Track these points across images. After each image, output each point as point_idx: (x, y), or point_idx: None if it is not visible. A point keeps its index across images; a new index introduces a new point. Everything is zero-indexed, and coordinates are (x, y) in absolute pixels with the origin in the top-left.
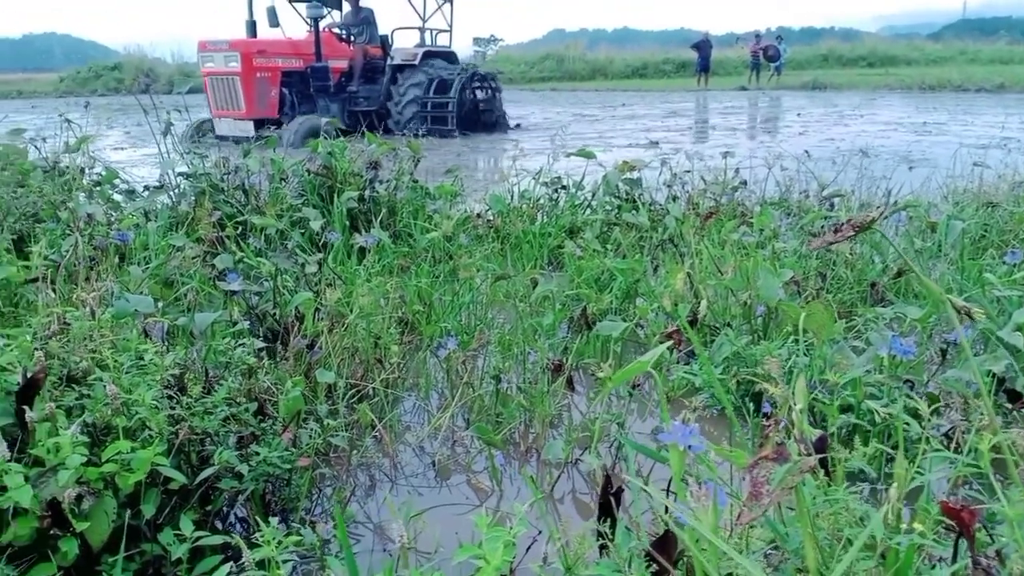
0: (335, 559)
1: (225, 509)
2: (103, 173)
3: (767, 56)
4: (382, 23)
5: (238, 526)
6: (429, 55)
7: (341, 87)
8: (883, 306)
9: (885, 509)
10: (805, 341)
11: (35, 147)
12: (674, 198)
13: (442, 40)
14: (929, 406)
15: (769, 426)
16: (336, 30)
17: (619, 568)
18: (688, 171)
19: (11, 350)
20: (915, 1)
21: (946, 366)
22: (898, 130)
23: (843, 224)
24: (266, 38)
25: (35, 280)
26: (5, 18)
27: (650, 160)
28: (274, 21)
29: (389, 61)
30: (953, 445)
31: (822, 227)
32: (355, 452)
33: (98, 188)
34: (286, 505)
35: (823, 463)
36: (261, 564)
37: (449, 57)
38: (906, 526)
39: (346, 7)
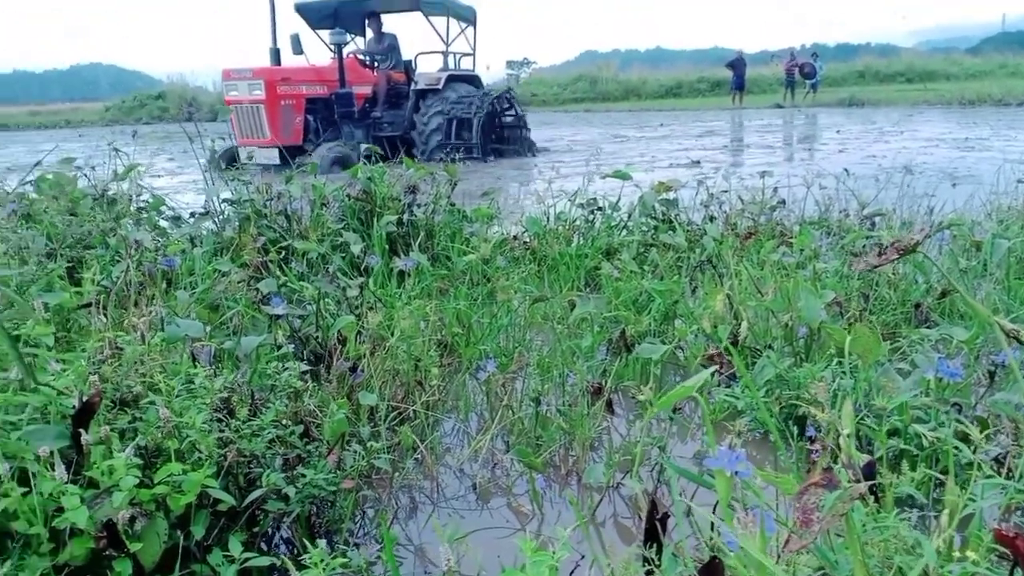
0: None
1: (271, 531)
2: (150, 200)
3: (803, 73)
4: (405, 48)
5: (283, 547)
6: (453, 79)
7: (365, 113)
8: (928, 327)
9: (937, 537)
10: (849, 363)
11: (84, 175)
12: (711, 218)
13: (466, 64)
14: (980, 431)
15: (815, 451)
16: (360, 56)
17: None
18: (725, 191)
19: (67, 375)
20: (952, 15)
21: (994, 388)
22: (940, 146)
23: (888, 247)
24: (290, 66)
25: (87, 305)
26: (54, 50)
27: (687, 180)
28: (298, 48)
29: (413, 86)
30: (1004, 470)
31: (863, 247)
32: (397, 474)
33: (145, 215)
34: (330, 527)
35: (872, 489)
36: None
37: (473, 81)
38: (958, 554)
39: (369, 33)
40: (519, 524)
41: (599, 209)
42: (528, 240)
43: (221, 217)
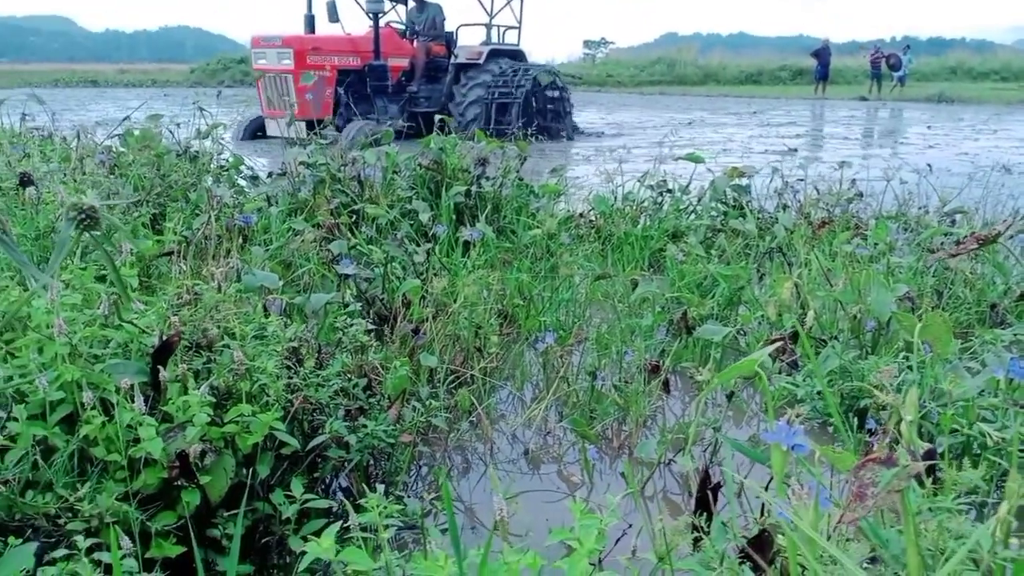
0: (435, 528)
1: (329, 479)
2: (230, 159)
3: (889, 65)
4: (449, 20)
5: (340, 495)
6: (495, 53)
7: (401, 87)
8: (1003, 329)
9: (993, 524)
10: (917, 359)
11: (170, 132)
12: (784, 207)
13: (510, 37)
14: None
15: (874, 441)
16: (397, 26)
17: (711, 564)
18: (801, 180)
19: (149, 315)
20: None
21: None
22: None
23: (967, 236)
24: (323, 35)
25: (169, 254)
26: (144, 11)
27: (761, 167)
28: (334, 16)
29: (453, 60)
30: None
31: (941, 244)
32: (453, 434)
33: (225, 173)
34: (387, 479)
35: (931, 473)
36: (364, 530)
37: (517, 55)
38: (1016, 541)
39: (411, 2)
40: (569, 491)
41: (668, 191)
42: (594, 218)
43: (297, 179)
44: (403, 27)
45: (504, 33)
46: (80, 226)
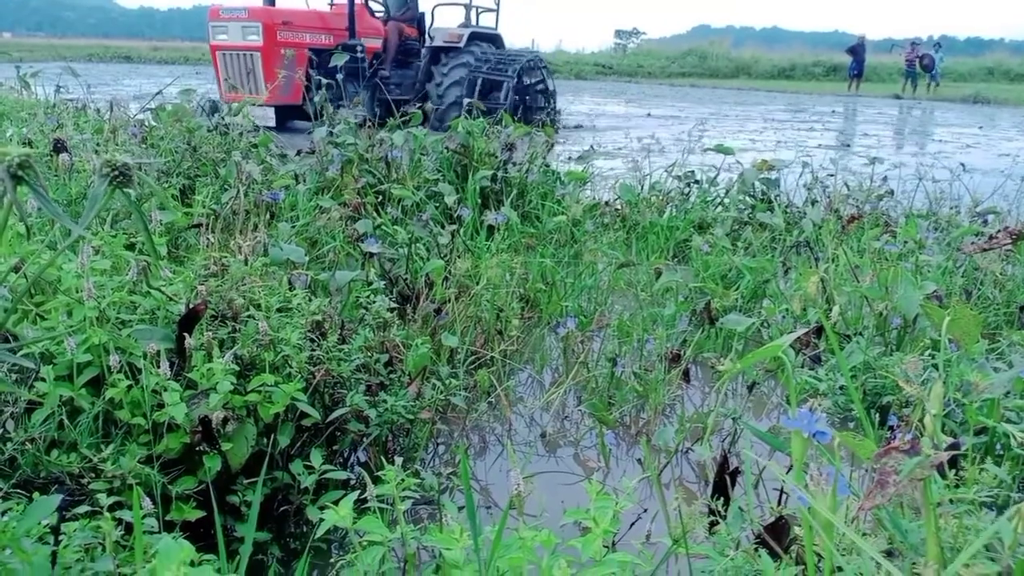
0: (451, 503)
1: (348, 452)
2: (259, 136)
3: (923, 65)
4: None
5: (358, 470)
6: (476, 37)
7: (373, 71)
8: None
9: (1015, 519)
10: (943, 357)
11: (202, 108)
12: (813, 202)
13: (486, 21)
14: None
15: (897, 431)
16: (376, 6)
17: (726, 549)
18: (831, 175)
19: (177, 283)
20: None
21: None
22: None
23: (999, 232)
24: (292, 8)
25: (197, 226)
26: None
27: (791, 161)
28: None
29: (429, 42)
30: None
31: (972, 243)
32: (471, 414)
33: (254, 150)
34: (405, 454)
35: (954, 465)
36: (381, 501)
37: (495, 41)
38: None
39: None
40: (584, 475)
41: (696, 182)
42: (619, 207)
43: (325, 158)
44: (379, 5)
45: (480, 16)
46: (114, 183)
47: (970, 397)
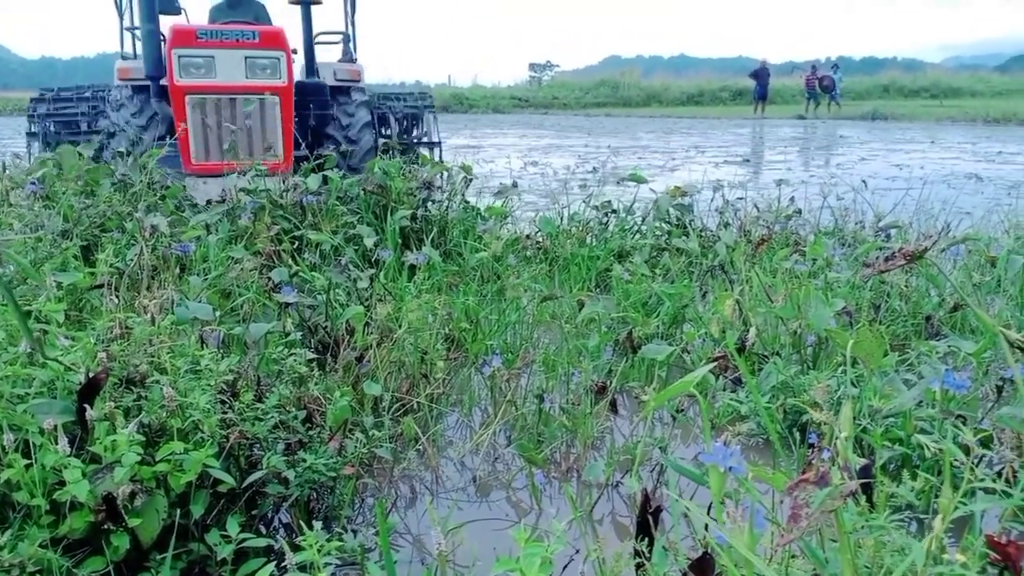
0: (375, 565)
1: (270, 514)
2: (168, 187)
3: (823, 87)
4: None
5: (282, 531)
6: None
7: None
8: (938, 340)
9: (929, 539)
10: (855, 372)
11: (104, 161)
12: (726, 225)
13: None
14: (978, 441)
15: (813, 455)
16: None
17: None
18: (741, 198)
19: (75, 351)
20: (984, 31)
21: (1002, 402)
22: (961, 160)
23: (895, 252)
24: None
25: (100, 286)
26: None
27: (701, 187)
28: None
29: (317, 79)
30: (1002, 481)
31: (876, 257)
32: (398, 464)
33: (162, 201)
34: (329, 513)
35: (866, 490)
36: (303, 568)
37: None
38: (947, 557)
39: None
40: (517, 517)
41: (613, 212)
42: (540, 240)
43: (237, 205)
44: None
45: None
46: None
47: (875, 420)
